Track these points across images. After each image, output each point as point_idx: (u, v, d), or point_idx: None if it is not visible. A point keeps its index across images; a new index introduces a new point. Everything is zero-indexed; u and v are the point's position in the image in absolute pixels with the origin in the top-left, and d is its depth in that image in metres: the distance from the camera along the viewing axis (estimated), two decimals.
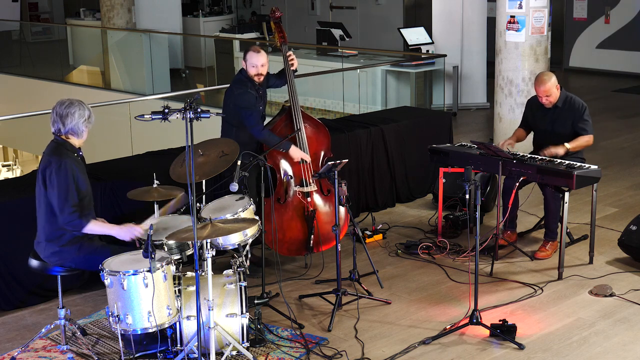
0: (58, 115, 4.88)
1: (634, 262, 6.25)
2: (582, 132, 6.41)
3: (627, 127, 10.72)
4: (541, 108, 6.53)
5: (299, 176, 6.17)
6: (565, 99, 6.45)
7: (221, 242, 5.02)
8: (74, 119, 4.86)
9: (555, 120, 6.45)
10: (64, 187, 4.75)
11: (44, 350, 5.09)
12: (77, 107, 4.89)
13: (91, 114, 4.93)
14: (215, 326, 4.69)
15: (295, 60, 6.35)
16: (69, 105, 4.89)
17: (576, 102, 6.44)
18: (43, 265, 4.91)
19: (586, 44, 15.05)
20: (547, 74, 6.44)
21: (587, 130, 6.41)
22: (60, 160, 4.79)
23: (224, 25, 17.25)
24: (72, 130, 4.89)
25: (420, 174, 7.99)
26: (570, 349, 5.02)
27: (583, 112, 6.41)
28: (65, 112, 4.87)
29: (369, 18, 17.03)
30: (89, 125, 4.93)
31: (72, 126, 4.88)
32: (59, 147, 4.88)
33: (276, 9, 6.49)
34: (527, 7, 8.86)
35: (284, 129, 6.17)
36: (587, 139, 6.41)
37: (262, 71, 6.08)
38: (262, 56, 6.06)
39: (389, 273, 6.23)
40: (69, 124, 4.87)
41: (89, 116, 4.92)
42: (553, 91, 6.38)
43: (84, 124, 4.89)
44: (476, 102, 12.00)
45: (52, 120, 4.91)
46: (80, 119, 4.87)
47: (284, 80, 6.34)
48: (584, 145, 6.41)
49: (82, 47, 16.66)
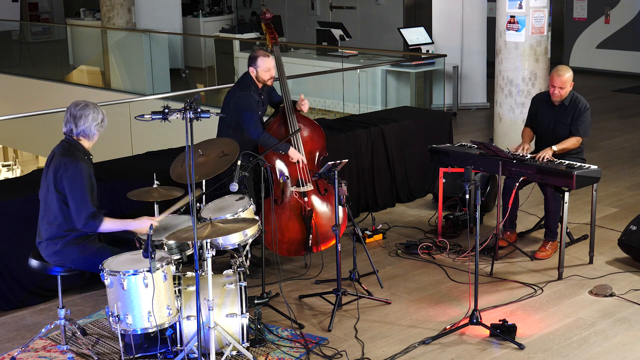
0: (72, 116, 4.89)
1: (634, 262, 6.25)
2: (574, 131, 6.40)
3: (627, 127, 10.73)
4: (547, 105, 6.52)
5: (295, 176, 6.17)
6: (572, 97, 6.46)
7: (221, 242, 5.02)
8: (87, 121, 4.88)
9: (559, 118, 6.45)
10: (81, 190, 4.77)
11: (44, 350, 5.09)
12: (92, 109, 4.91)
13: (104, 118, 4.95)
14: (215, 326, 4.69)
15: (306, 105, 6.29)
16: (83, 107, 4.90)
17: (580, 102, 6.44)
18: (43, 265, 4.92)
19: (586, 44, 15.05)
20: (566, 68, 6.45)
21: (579, 132, 6.39)
22: (76, 163, 4.80)
23: (224, 25, 17.25)
24: (84, 133, 4.90)
25: (420, 174, 7.99)
26: (570, 349, 5.02)
27: (583, 112, 6.41)
28: (79, 114, 4.88)
29: (369, 18, 17.04)
30: (101, 129, 4.95)
31: (85, 128, 4.89)
32: (71, 149, 4.88)
33: (266, 10, 6.47)
34: (527, 7, 8.86)
35: (279, 129, 6.18)
36: (574, 141, 6.38)
37: (274, 73, 6.14)
38: (272, 58, 6.11)
39: (389, 273, 6.23)
40: (82, 125, 4.88)
41: (102, 120, 4.93)
42: (567, 85, 6.39)
43: (96, 127, 4.91)
44: (476, 102, 12.00)
45: (65, 120, 4.92)
46: (93, 122, 4.89)
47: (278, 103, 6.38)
48: (570, 147, 6.37)
49: (82, 47, 16.66)
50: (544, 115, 6.56)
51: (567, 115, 6.44)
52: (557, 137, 6.42)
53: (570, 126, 6.41)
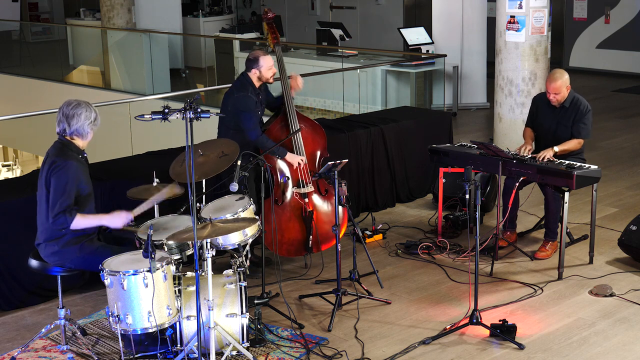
0: (64, 116, 4.88)
1: (634, 262, 6.25)
2: (576, 133, 6.39)
3: (627, 127, 10.73)
4: (547, 106, 6.52)
5: (295, 177, 6.17)
6: (572, 99, 6.45)
7: (221, 242, 5.02)
8: (79, 120, 4.86)
9: (560, 120, 6.44)
10: (60, 188, 4.75)
11: (44, 350, 5.09)
12: (84, 108, 4.89)
13: (97, 116, 4.94)
14: (215, 326, 4.69)
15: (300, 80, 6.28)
16: (75, 106, 4.88)
17: (582, 104, 6.43)
18: (43, 265, 4.92)
19: (586, 44, 15.05)
20: (560, 72, 6.42)
21: (581, 134, 6.39)
22: (65, 161, 4.79)
23: (224, 25, 17.25)
24: (77, 132, 4.89)
25: (420, 174, 7.99)
26: (570, 349, 5.02)
27: (585, 114, 6.40)
28: (71, 113, 4.87)
29: (369, 18, 17.03)
30: (94, 127, 4.93)
31: (78, 127, 4.87)
32: (63, 148, 4.87)
33: (268, 9, 6.46)
34: (527, 7, 8.86)
35: (280, 130, 6.17)
36: (575, 143, 6.37)
37: (275, 69, 6.14)
38: (270, 56, 6.13)
39: (389, 273, 6.23)
40: (75, 124, 4.86)
41: (95, 118, 4.92)
42: (562, 90, 6.37)
43: (89, 126, 4.89)
44: (476, 102, 12.00)
45: (58, 120, 4.90)
46: (86, 120, 4.87)
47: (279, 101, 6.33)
48: (572, 149, 6.38)
49: (82, 47, 16.66)
50: (544, 116, 6.55)
51: (568, 117, 6.43)
52: (558, 138, 6.41)
53: (572, 128, 6.41)
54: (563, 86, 6.36)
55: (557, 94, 6.37)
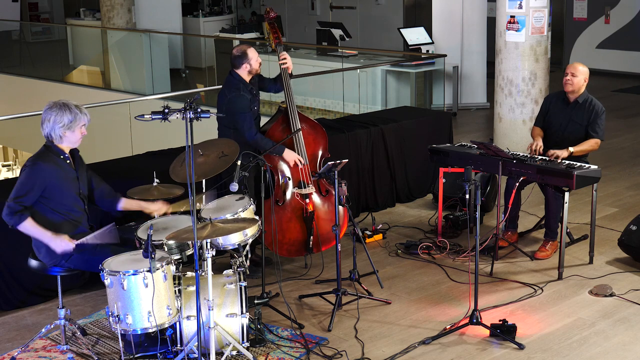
0: (41, 119, 4.82)
1: (634, 262, 6.25)
2: (592, 133, 6.38)
3: (627, 127, 10.73)
4: (562, 101, 6.52)
5: (296, 178, 6.17)
6: (586, 98, 6.47)
7: (221, 242, 5.02)
8: (49, 125, 4.78)
9: (572, 117, 6.44)
10: (18, 184, 4.75)
11: (44, 350, 5.09)
12: (56, 111, 4.76)
13: (74, 120, 4.76)
14: (215, 326, 4.69)
15: (289, 61, 6.27)
16: (48, 110, 4.79)
17: (597, 104, 6.45)
18: (43, 265, 4.91)
19: (586, 44, 15.04)
20: (583, 65, 6.51)
21: (598, 134, 6.40)
22: (34, 162, 4.76)
23: (224, 25, 17.25)
24: (50, 136, 4.81)
25: (420, 174, 7.99)
26: (570, 349, 5.02)
27: (600, 115, 6.41)
28: (43, 117, 4.80)
29: (369, 18, 17.04)
30: (69, 131, 4.77)
31: (49, 131, 4.80)
32: (41, 151, 4.83)
33: (270, 9, 6.45)
34: (527, 7, 8.86)
35: (282, 132, 6.16)
36: (593, 143, 6.38)
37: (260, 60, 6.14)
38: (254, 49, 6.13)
39: (389, 273, 6.23)
40: (45, 128, 4.81)
41: (71, 121, 4.76)
42: (580, 75, 6.41)
43: (61, 130, 4.76)
44: (476, 102, 12.00)
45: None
46: (56, 124, 4.76)
47: (280, 85, 6.31)
48: (588, 150, 6.37)
49: (82, 47, 16.66)
50: (556, 113, 6.54)
51: (582, 115, 6.43)
52: (567, 137, 6.41)
53: (588, 128, 6.41)
54: (582, 73, 6.42)
55: (575, 75, 6.39)
